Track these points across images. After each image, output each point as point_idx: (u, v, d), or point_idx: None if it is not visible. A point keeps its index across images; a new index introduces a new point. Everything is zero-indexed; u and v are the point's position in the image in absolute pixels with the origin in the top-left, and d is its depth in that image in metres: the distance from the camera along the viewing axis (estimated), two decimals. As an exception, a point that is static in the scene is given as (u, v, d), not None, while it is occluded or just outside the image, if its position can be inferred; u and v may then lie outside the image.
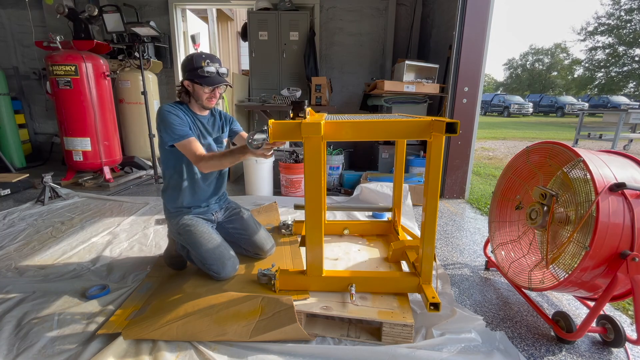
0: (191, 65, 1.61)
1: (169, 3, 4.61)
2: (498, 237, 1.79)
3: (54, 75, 3.30)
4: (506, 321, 1.52)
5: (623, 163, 1.38)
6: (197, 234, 1.66)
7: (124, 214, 2.76)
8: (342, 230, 2.12)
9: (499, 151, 6.62)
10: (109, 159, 3.68)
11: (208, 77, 1.61)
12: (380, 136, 1.39)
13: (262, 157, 1.50)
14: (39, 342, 1.30)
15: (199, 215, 1.77)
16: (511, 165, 1.75)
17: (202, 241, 1.65)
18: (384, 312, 1.35)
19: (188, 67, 1.62)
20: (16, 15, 4.67)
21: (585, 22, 49.25)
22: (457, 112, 3.10)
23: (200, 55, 1.63)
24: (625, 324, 1.50)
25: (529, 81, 36.56)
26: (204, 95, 1.66)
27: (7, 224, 2.52)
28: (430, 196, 1.32)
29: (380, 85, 3.50)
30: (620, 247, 1.22)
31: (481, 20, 2.91)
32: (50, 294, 1.62)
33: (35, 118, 5.05)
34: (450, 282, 1.83)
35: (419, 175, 3.40)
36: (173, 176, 1.71)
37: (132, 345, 1.27)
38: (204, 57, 1.62)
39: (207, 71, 1.60)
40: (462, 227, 2.63)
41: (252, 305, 1.39)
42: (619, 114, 6.26)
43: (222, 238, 1.75)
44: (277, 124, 1.28)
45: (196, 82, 1.61)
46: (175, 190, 1.73)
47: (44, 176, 2.99)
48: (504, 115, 19.31)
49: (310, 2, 4.52)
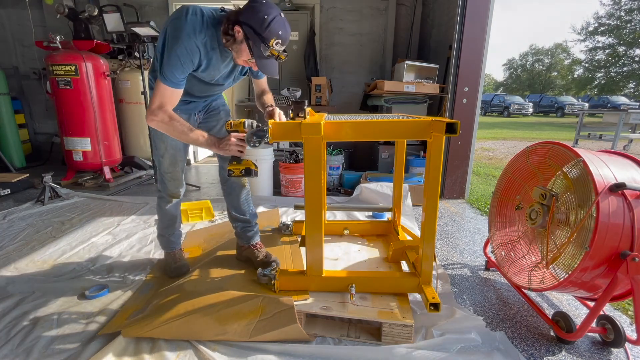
0: (259, 26, 1.23)
1: (169, 3, 4.61)
2: (498, 237, 1.79)
3: (54, 75, 3.30)
4: (506, 321, 1.52)
5: (623, 163, 1.38)
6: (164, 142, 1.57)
7: (124, 214, 2.76)
8: (342, 230, 2.12)
9: (499, 151, 6.62)
10: (109, 159, 3.68)
11: (266, 60, 1.30)
12: (380, 136, 1.40)
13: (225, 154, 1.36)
14: (39, 342, 1.30)
15: (180, 106, 1.49)
16: (511, 166, 1.75)
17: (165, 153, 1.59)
18: (383, 312, 1.35)
19: (253, 21, 1.23)
20: (16, 15, 4.67)
21: (585, 22, 49.21)
22: (457, 112, 3.10)
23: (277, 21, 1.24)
24: (625, 324, 1.50)
25: (529, 81, 36.59)
26: (243, 60, 1.36)
27: (7, 224, 2.52)
28: (430, 196, 1.32)
29: (380, 85, 3.51)
30: (620, 247, 1.22)
31: (481, 20, 2.91)
32: (50, 294, 1.62)
33: (35, 118, 5.05)
34: (450, 282, 1.83)
35: (419, 175, 3.40)
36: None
37: (131, 344, 1.27)
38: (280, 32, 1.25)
39: (272, 51, 1.27)
40: (462, 227, 2.63)
41: (253, 305, 1.39)
42: (619, 114, 6.26)
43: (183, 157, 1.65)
44: (277, 124, 1.28)
45: (249, 46, 1.28)
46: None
47: (44, 176, 2.99)
48: (504, 115, 19.32)
49: (310, 2, 4.52)
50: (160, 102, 1.30)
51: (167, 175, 1.67)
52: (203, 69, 1.38)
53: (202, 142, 1.34)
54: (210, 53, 1.34)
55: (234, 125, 1.36)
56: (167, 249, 1.85)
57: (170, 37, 1.27)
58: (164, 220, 1.79)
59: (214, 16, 1.32)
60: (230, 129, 1.36)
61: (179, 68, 1.28)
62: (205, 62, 1.35)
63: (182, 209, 2.63)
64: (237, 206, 1.80)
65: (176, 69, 1.27)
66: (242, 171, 1.39)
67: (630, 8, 22.97)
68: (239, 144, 1.34)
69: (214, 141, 1.35)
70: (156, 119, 1.29)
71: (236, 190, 1.77)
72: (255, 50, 1.28)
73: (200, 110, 1.68)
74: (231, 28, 1.27)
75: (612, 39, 24.33)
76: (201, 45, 1.29)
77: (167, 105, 1.31)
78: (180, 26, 1.25)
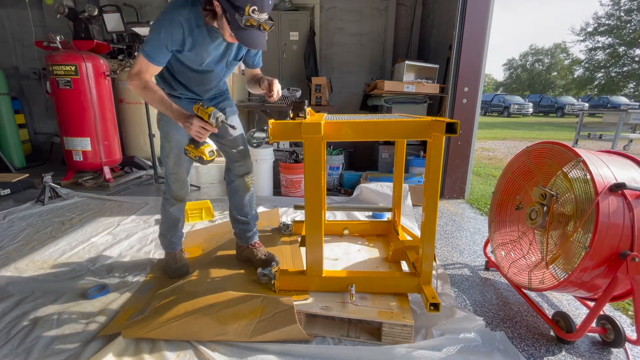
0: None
1: (169, 3, 4.61)
2: (498, 237, 1.79)
3: (54, 75, 3.29)
4: (506, 321, 1.52)
5: (623, 163, 1.38)
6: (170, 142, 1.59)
7: (124, 214, 2.76)
8: (342, 230, 2.12)
9: (499, 151, 6.62)
10: (109, 159, 3.68)
11: (245, 31, 1.21)
12: (380, 136, 1.40)
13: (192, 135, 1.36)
14: (39, 342, 1.30)
15: (186, 105, 1.53)
16: (511, 166, 1.75)
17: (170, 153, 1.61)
18: (383, 312, 1.35)
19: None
20: (16, 15, 4.67)
21: (584, 22, 49.24)
22: (457, 112, 3.10)
23: None
24: (625, 324, 1.50)
25: (529, 81, 36.59)
26: (228, 36, 1.32)
27: (7, 224, 2.52)
28: (430, 196, 1.32)
29: (380, 85, 3.51)
30: (620, 247, 1.22)
31: (481, 20, 2.91)
32: (50, 294, 1.62)
33: (35, 118, 5.05)
34: (450, 282, 1.83)
35: (419, 175, 3.40)
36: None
37: (132, 345, 1.27)
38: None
39: (250, 20, 1.18)
40: (462, 227, 2.63)
41: (253, 305, 1.39)
42: (619, 114, 6.26)
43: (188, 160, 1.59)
44: (277, 124, 1.28)
45: (227, 19, 1.22)
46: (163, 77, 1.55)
47: (44, 176, 2.99)
48: (504, 115, 19.33)
49: (310, 2, 4.52)
50: (138, 69, 1.36)
51: (172, 176, 1.69)
52: (189, 48, 1.36)
53: (170, 112, 1.37)
54: (196, 31, 1.33)
55: (200, 111, 1.34)
56: (168, 249, 1.85)
57: (156, 17, 1.32)
58: (167, 221, 1.80)
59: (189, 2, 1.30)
60: (196, 113, 1.35)
61: (157, 41, 1.30)
62: (191, 41, 1.34)
63: (182, 209, 2.63)
64: (240, 208, 1.81)
65: (155, 42, 1.30)
66: (196, 157, 1.41)
67: (629, 8, 22.98)
68: (199, 130, 1.34)
69: (180, 115, 1.36)
70: (133, 83, 1.37)
71: (240, 192, 1.78)
72: (232, 22, 1.20)
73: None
74: (209, 2, 1.24)
75: (612, 39, 24.34)
76: (184, 21, 1.28)
77: (144, 73, 1.36)
78: (167, 6, 1.30)
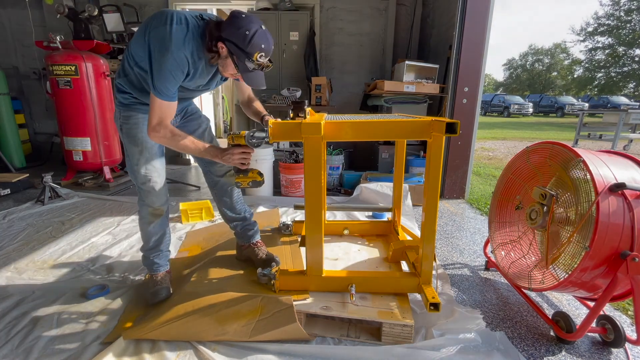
0: (241, 41, 1.23)
1: (169, 3, 4.61)
2: (498, 237, 1.79)
3: (54, 75, 3.30)
4: (506, 321, 1.52)
5: (623, 163, 1.38)
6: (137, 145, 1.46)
7: (124, 214, 2.76)
8: (342, 230, 2.12)
9: (499, 151, 6.62)
10: (109, 159, 3.68)
11: (251, 73, 1.30)
12: (380, 136, 1.40)
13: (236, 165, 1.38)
14: (39, 342, 1.30)
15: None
16: (511, 166, 1.75)
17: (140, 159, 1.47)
18: (383, 312, 1.35)
19: (235, 37, 1.24)
20: (16, 15, 4.67)
21: (584, 22, 49.30)
22: (457, 112, 3.10)
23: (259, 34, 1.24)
24: (625, 324, 1.50)
25: (529, 81, 36.60)
26: (230, 74, 1.38)
27: (7, 224, 2.51)
28: (430, 196, 1.32)
29: (380, 85, 3.51)
30: (620, 247, 1.22)
31: (481, 20, 2.91)
32: (50, 294, 1.62)
33: (35, 118, 5.04)
34: (450, 282, 1.83)
35: (419, 175, 3.40)
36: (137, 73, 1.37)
37: (132, 345, 1.27)
38: (263, 45, 1.25)
39: (256, 64, 1.27)
40: (462, 227, 2.63)
41: (252, 305, 1.38)
42: (619, 114, 6.26)
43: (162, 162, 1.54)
44: (277, 124, 1.28)
45: (234, 61, 1.29)
46: (133, 84, 1.43)
47: (44, 176, 2.99)
48: (504, 115, 19.32)
49: (310, 2, 4.52)
50: (159, 117, 1.29)
51: (145, 186, 1.50)
52: (190, 79, 1.37)
53: (204, 152, 1.38)
54: (197, 63, 1.33)
55: (235, 139, 1.38)
56: (150, 271, 1.63)
57: (158, 49, 1.23)
58: (148, 242, 1.60)
59: (198, 25, 1.29)
60: (232, 142, 1.39)
61: (172, 81, 1.27)
62: (192, 72, 1.34)
63: (182, 209, 2.63)
64: (231, 207, 1.78)
65: (169, 82, 1.26)
66: (250, 183, 1.44)
67: (629, 8, 22.99)
68: (243, 157, 1.37)
69: (216, 152, 1.38)
70: (158, 135, 1.30)
71: (228, 191, 1.75)
72: (240, 65, 1.29)
73: (177, 114, 1.61)
74: (214, 44, 1.28)
75: (612, 39, 24.36)
76: (189, 56, 1.28)
77: (166, 120, 1.30)
78: (168, 37, 1.21)
